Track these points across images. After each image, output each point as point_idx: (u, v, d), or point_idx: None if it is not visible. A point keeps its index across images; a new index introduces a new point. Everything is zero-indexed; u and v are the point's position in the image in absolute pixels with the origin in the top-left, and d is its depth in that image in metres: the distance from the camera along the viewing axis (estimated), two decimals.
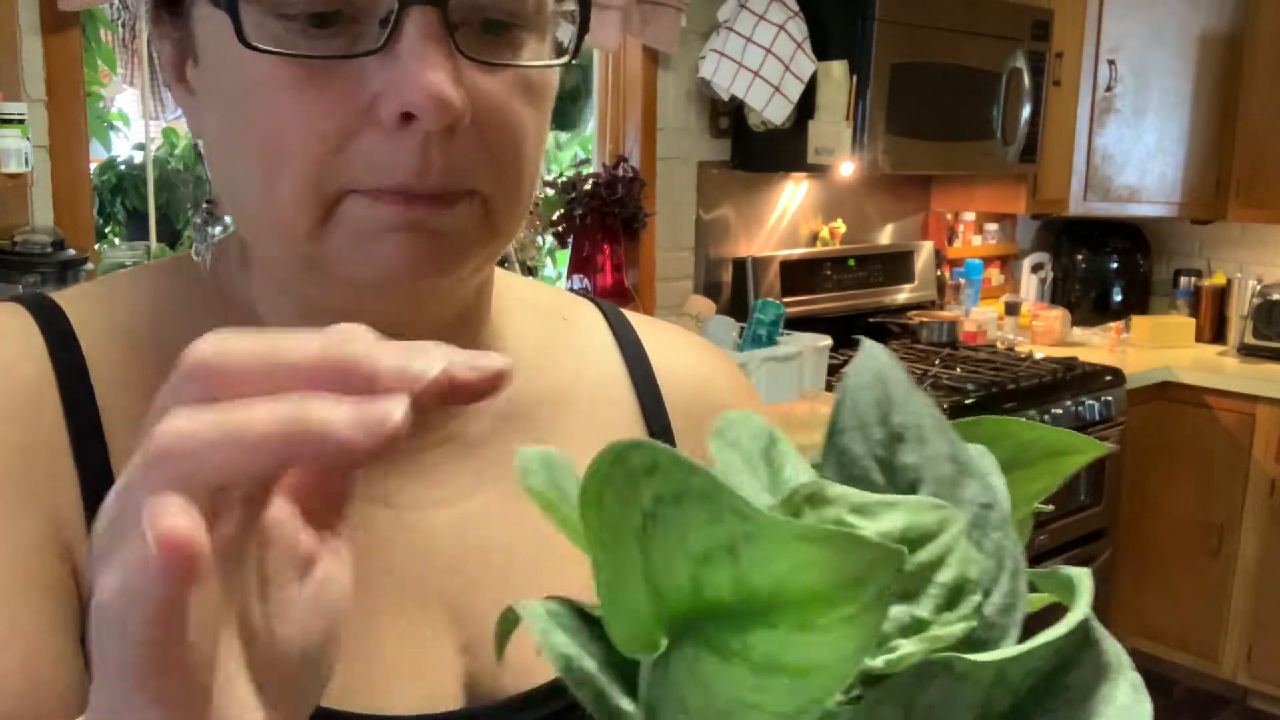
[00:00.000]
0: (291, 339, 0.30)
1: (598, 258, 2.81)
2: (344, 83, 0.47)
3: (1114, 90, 3.38)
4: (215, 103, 0.51)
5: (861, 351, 0.35)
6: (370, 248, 0.48)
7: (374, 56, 0.46)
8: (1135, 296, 3.98)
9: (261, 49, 0.46)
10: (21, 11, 2.00)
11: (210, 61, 0.50)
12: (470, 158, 0.48)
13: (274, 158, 0.48)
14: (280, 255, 0.51)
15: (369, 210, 0.48)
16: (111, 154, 4.26)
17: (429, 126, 0.46)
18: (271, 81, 0.47)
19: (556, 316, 0.67)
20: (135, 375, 0.54)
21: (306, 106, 0.47)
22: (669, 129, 2.90)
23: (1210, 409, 3.30)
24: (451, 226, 0.49)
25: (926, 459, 0.33)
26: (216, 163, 0.53)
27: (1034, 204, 3.38)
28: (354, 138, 0.47)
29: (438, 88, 0.45)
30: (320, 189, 0.48)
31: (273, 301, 0.56)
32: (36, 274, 1.92)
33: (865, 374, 0.34)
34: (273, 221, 0.49)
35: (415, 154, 0.47)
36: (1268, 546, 3.25)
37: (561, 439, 0.62)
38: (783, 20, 2.74)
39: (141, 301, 0.57)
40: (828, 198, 3.29)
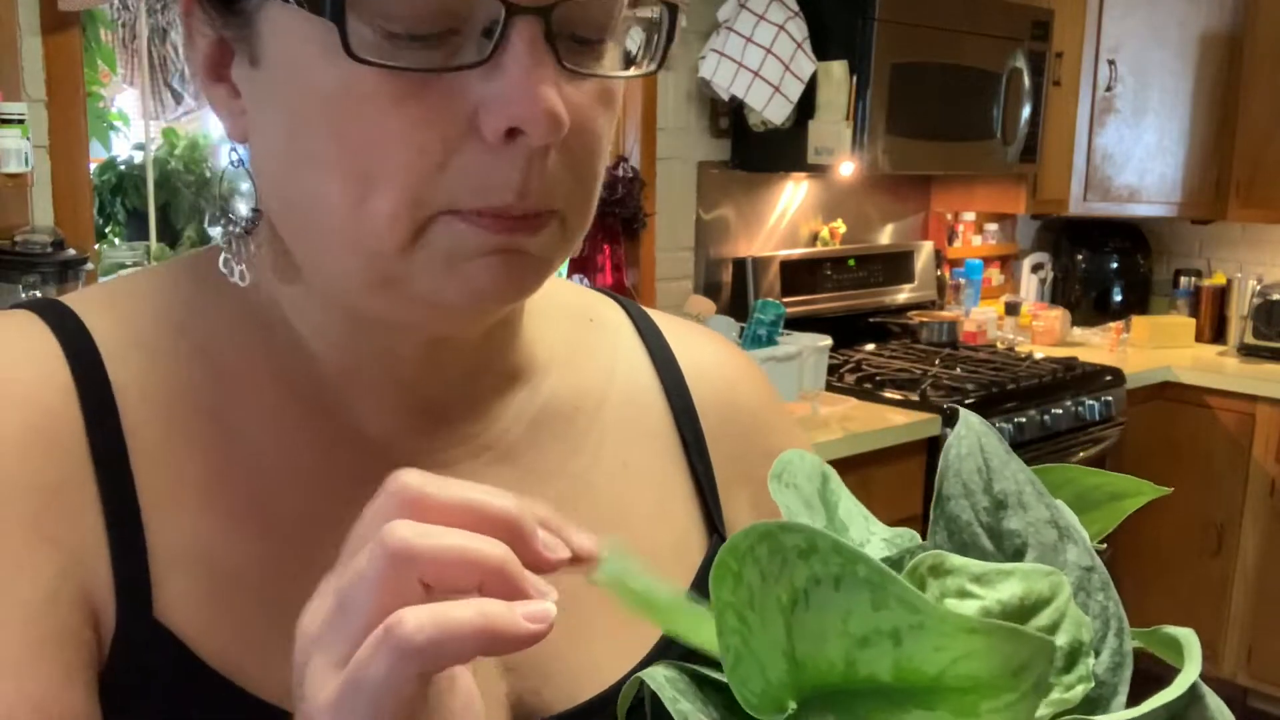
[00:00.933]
0: (485, 493, 0.39)
1: (598, 258, 2.81)
2: (444, 96, 0.44)
3: (1114, 90, 3.38)
4: (282, 112, 0.48)
5: (961, 422, 0.37)
6: (460, 270, 0.47)
7: (479, 68, 0.44)
8: (1135, 296, 3.98)
9: (368, 60, 0.43)
10: (21, 11, 2.00)
11: (282, 69, 0.47)
12: (558, 175, 0.47)
13: (368, 173, 0.45)
14: (355, 271, 0.48)
15: (464, 232, 0.46)
16: (111, 154, 4.26)
17: (535, 143, 0.45)
18: (369, 94, 0.44)
19: (583, 318, 0.66)
20: (159, 390, 0.53)
21: (407, 120, 0.44)
22: (669, 129, 2.90)
23: (1210, 409, 3.30)
24: (538, 249, 0.48)
25: (1030, 524, 0.34)
26: (277, 173, 0.50)
27: (1034, 204, 3.38)
28: (455, 153, 0.45)
29: (548, 102, 0.44)
30: (417, 207, 0.46)
31: (316, 316, 0.54)
32: (36, 274, 1.92)
33: (965, 444, 0.36)
34: (358, 237, 0.47)
35: (519, 171, 0.45)
36: (1268, 546, 3.25)
37: (595, 445, 0.61)
38: (783, 20, 2.74)
39: (163, 309, 0.55)
40: (828, 198, 3.29)
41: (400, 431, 0.56)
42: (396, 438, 0.55)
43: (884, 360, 3.06)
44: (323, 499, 0.53)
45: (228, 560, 0.51)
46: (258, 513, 0.52)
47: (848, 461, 2.39)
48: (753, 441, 0.67)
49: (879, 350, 3.22)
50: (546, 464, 0.59)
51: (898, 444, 2.50)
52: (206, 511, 0.51)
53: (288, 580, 0.50)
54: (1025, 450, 2.77)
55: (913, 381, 2.78)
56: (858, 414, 2.54)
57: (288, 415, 0.54)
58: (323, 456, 0.54)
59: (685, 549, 0.62)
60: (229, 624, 0.50)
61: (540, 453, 0.59)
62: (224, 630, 0.50)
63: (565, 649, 0.55)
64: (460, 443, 0.57)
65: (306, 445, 0.54)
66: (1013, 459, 0.35)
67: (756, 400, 0.69)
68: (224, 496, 0.52)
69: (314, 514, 0.53)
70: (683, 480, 0.64)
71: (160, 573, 0.49)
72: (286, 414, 0.54)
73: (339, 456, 0.54)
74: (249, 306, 0.55)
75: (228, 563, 0.51)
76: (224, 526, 0.51)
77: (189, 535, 0.50)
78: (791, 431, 0.70)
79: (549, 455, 0.59)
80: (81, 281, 2.00)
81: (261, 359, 0.54)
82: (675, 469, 0.64)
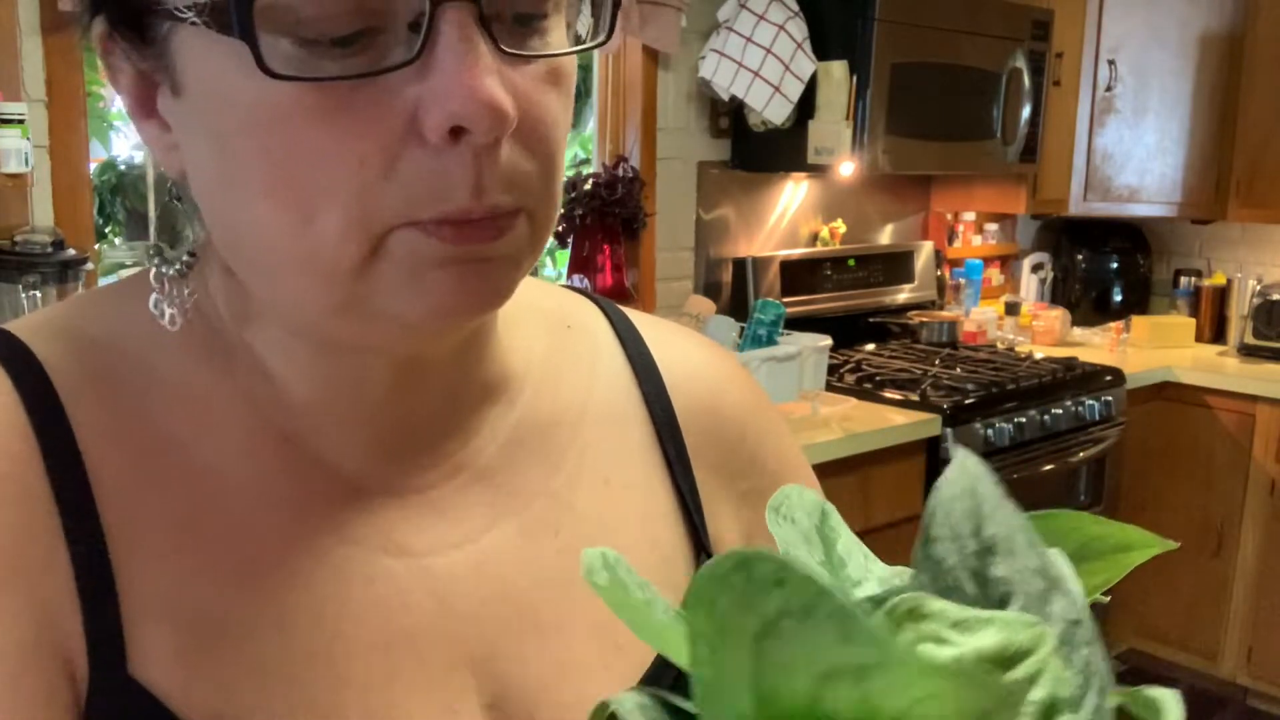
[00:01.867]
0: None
1: (598, 258, 2.81)
2: (375, 102, 0.41)
3: (1114, 90, 3.38)
4: (211, 139, 0.44)
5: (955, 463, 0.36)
6: (421, 284, 0.43)
7: (411, 66, 0.41)
8: (1135, 296, 3.98)
9: (287, 76, 0.40)
10: (21, 11, 2.00)
11: (200, 93, 0.44)
12: (516, 168, 0.44)
13: (309, 193, 0.42)
14: (311, 296, 0.45)
15: (423, 244, 0.43)
16: (111, 154, 4.25)
17: (481, 139, 0.41)
18: (294, 110, 0.41)
19: (561, 324, 0.62)
20: (121, 425, 0.49)
21: (339, 133, 0.41)
22: (669, 129, 2.90)
23: (1210, 409, 3.30)
24: (503, 253, 0.45)
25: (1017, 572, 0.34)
26: (217, 205, 0.46)
27: (1034, 204, 3.38)
28: (398, 160, 0.42)
29: (489, 93, 0.40)
30: (368, 222, 0.42)
31: (280, 347, 0.51)
32: (36, 274, 1.92)
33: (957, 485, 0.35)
34: (310, 263, 0.43)
35: (470, 170, 0.42)
36: (1268, 546, 3.25)
37: (575, 461, 0.59)
38: (783, 20, 2.74)
39: (118, 338, 0.52)
40: (828, 198, 3.29)
41: (374, 458, 0.53)
42: (371, 464, 0.53)
43: (884, 360, 3.06)
44: (298, 533, 0.50)
45: (202, 607, 0.48)
46: (232, 553, 0.49)
47: (848, 462, 2.39)
48: (737, 452, 0.64)
49: (879, 350, 3.22)
50: (524, 483, 0.57)
51: (898, 444, 2.50)
52: (178, 555, 0.48)
53: (266, 626, 0.48)
54: (1025, 450, 2.77)
55: (913, 381, 2.78)
56: (858, 414, 2.54)
57: (258, 447, 0.51)
58: (297, 488, 0.51)
59: (671, 569, 0.59)
60: (208, 677, 0.47)
61: (518, 471, 0.57)
62: (203, 685, 0.47)
63: (553, 683, 0.53)
64: (435, 465, 0.55)
65: (279, 477, 0.51)
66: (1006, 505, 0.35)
67: (742, 407, 0.65)
68: (195, 537, 0.49)
69: (290, 549, 0.50)
70: (666, 495, 0.61)
71: (133, 625, 0.46)
72: (256, 446, 0.51)
73: (313, 487, 0.51)
74: (210, 334, 0.52)
75: (203, 610, 0.48)
76: (197, 569, 0.48)
77: (162, 582, 0.47)
78: (778, 437, 0.67)
79: (527, 474, 0.57)
80: (81, 282, 2.00)
81: (227, 390, 0.51)
82: (659, 484, 0.61)
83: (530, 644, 0.53)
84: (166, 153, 0.48)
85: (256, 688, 0.47)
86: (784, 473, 0.64)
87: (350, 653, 0.49)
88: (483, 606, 0.53)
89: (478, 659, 0.52)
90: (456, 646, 0.52)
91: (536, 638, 0.54)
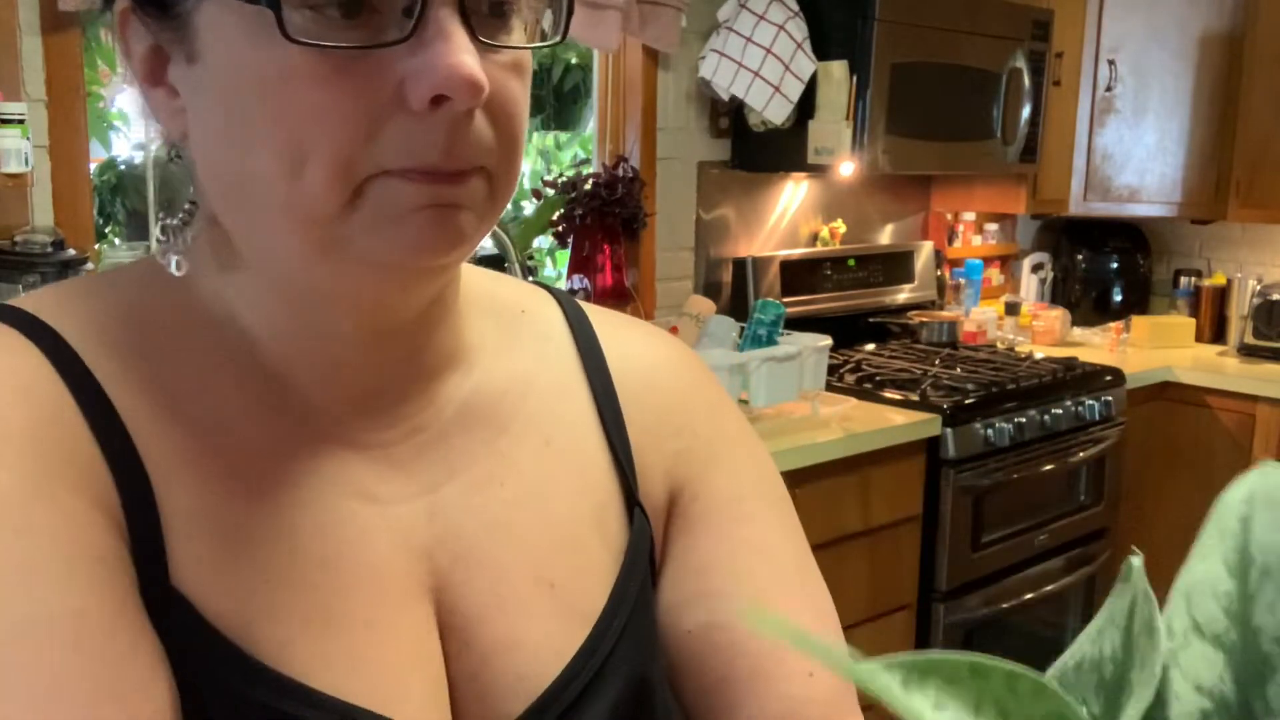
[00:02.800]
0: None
1: (598, 258, 2.81)
2: (370, 71, 0.49)
3: (1114, 90, 3.38)
4: (219, 100, 0.52)
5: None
6: (396, 227, 0.51)
7: (403, 44, 0.49)
8: (1135, 296, 3.98)
9: (302, 41, 0.48)
10: (21, 11, 2.00)
11: (218, 59, 0.51)
12: (482, 138, 0.52)
13: (301, 146, 0.49)
14: (295, 242, 0.52)
15: (398, 188, 0.50)
16: (111, 154, 4.25)
17: (460, 107, 0.49)
18: (302, 73, 0.48)
19: (516, 309, 0.70)
20: (145, 383, 0.56)
21: (337, 95, 0.49)
22: (669, 129, 2.90)
23: (1210, 409, 3.29)
24: (466, 200, 0.52)
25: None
26: (217, 161, 0.54)
27: (1034, 204, 3.38)
28: (383, 123, 0.49)
29: (468, 69, 0.48)
30: (350, 173, 0.50)
31: (260, 303, 0.58)
32: (36, 274, 1.92)
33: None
34: (296, 207, 0.50)
35: (445, 134, 0.50)
36: None
37: (521, 426, 0.66)
38: (783, 20, 2.73)
39: (116, 310, 0.58)
40: (828, 198, 3.29)
41: (344, 415, 0.60)
42: (342, 421, 0.60)
43: (884, 360, 3.06)
44: (292, 473, 0.58)
45: (229, 524, 0.55)
46: (248, 482, 0.57)
47: (848, 462, 2.39)
48: (669, 417, 0.71)
49: (879, 350, 3.22)
50: (473, 443, 0.64)
51: (898, 444, 2.50)
52: (205, 481, 0.55)
53: (283, 544, 0.56)
54: (1025, 450, 2.77)
55: (913, 381, 2.78)
56: (858, 414, 2.54)
57: (251, 399, 0.58)
58: (287, 437, 0.58)
59: (605, 517, 0.67)
60: (232, 587, 0.54)
61: (468, 433, 0.64)
62: (228, 594, 0.54)
63: (491, 613, 0.61)
64: (396, 424, 0.62)
65: (271, 426, 0.58)
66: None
67: (677, 380, 0.73)
68: (217, 467, 0.56)
69: (290, 486, 0.58)
70: (602, 455, 0.68)
71: (173, 539, 0.53)
72: (250, 398, 0.58)
73: (298, 436, 0.59)
74: (196, 305, 0.59)
75: (230, 526, 0.55)
76: (222, 495, 0.55)
77: (193, 503, 0.54)
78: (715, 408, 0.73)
79: (476, 435, 0.64)
80: None
81: (214, 350, 0.58)
82: (594, 445, 0.68)
83: (473, 578, 0.61)
84: (172, 116, 0.55)
85: (270, 592, 0.55)
86: (715, 439, 0.71)
87: (337, 576, 0.57)
88: (435, 545, 0.61)
89: (428, 589, 0.60)
90: (413, 581, 0.60)
91: (479, 573, 0.62)
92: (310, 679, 0.55)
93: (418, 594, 0.60)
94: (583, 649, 0.62)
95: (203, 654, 0.53)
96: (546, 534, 0.64)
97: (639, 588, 0.66)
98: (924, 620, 2.68)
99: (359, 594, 0.58)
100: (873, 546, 2.52)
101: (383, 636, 0.58)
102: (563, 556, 0.64)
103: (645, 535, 0.67)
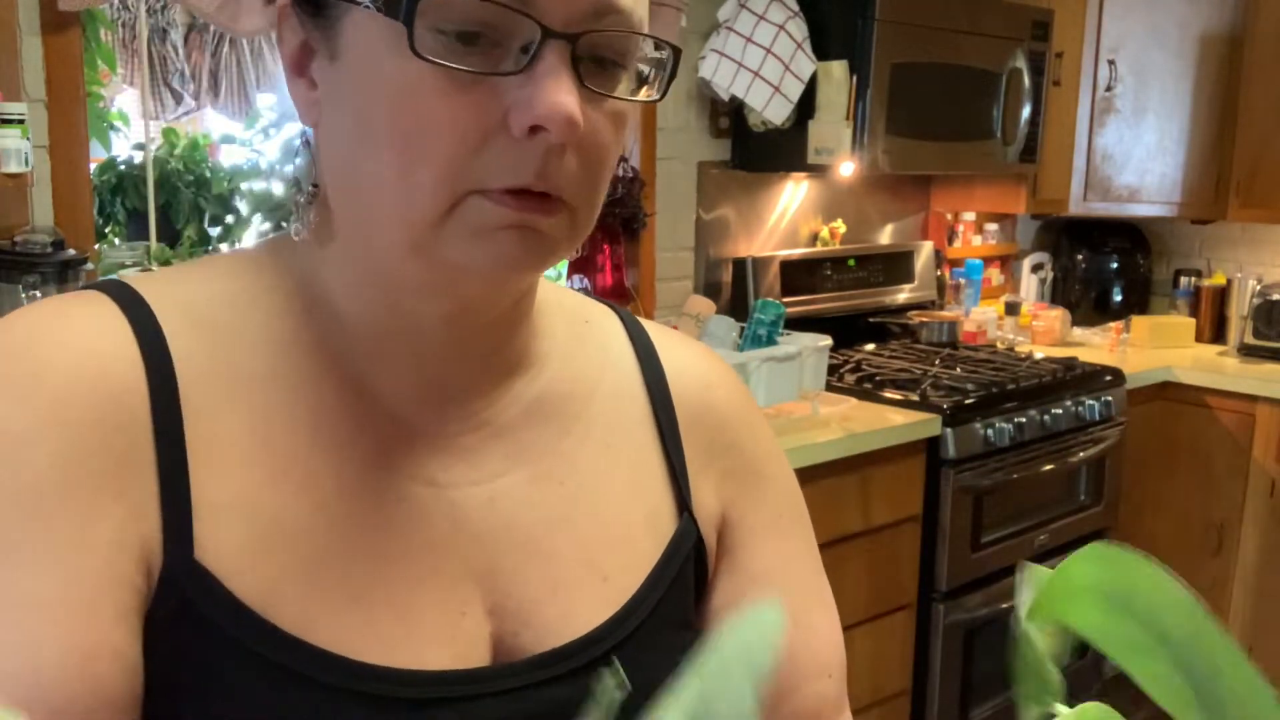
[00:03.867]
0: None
1: (598, 258, 2.81)
2: (484, 95, 0.54)
3: (1114, 90, 3.38)
4: (353, 98, 0.57)
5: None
6: (484, 241, 0.56)
7: (515, 76, 0.54)
8: (1135, 296, 3.98)
9: (429, 59, 0.53)
10: (21, 11, 2.00)
11: (356, 62, 0.56)
12: (572, 174, 0.56)
13: (417, 151, 0.54)
14: (395, 236, 0.57)
15: (489, 209, 0.55)
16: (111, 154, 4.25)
17: (554, 140, 0.54)
18: (427, 86, 0.54)
19: (580, 318, 0.75)
20: (218, 365, 0.60)
21: (453, 110, 0.54)
22: (669, 129, 2.90)
23: (1210, 409, 3.29)
24: (550, 230, 0.57)
25: None
26: (342, 151, 0.59)
27: (1034, 204, 3.38)
28: (488, 141, 0.54)
29: (569, 108, 0.53)
30: (453, 183, 0.55)
31: (354, 290, 0.62)
32: (36, 274, 1.92)
33: None
34: (401, 205, 0.56)
35: (538, 160, 0.55)
36: (1268, 546, 3.25)
37: (584, 428, 0.70)
38: (783, 20, 2.74)
39: (217, 292, 0.63)
40: (828, 198, 3.29)
41: (416, 404, 0.64)
42: (412, 409, 0.64)
43: (884, 360, 3.06)
44: (351, 459, 0.62)
45: (266, 511, 0.59)
46: (296, 470, 0.60)
47: (848, 462, 2.39)
48: (721, 435, 0.76)
49: (879, 350, 3.22)
50: (537, 442, 0.68)
51: (898, 444, 2.50)
52: (248, 468, 0.59)
53: (321, 531, 0.60)
54: (1025, 450, 2.77)
55: (913, 381, 2.78)
56: (858, 414, 2.54)
57: (324, 385, 0.62)
58: (352, 424, 0.62)
59: (657, 521, 0.71)
60: (263, 566, 0.58)
61: (533, 432, 0.68)
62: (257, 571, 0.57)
63: (544, 598, 0.65)
64: (464, 419, 0.66)
65: (338, 413, 0.62)
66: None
67: (728, 400, 0.77)
68: (265, 455, 0.60)
69: (344, 472, 0.61)
70: (658, 463, 0.73)
71: (200, 522, 0.57)
72: (323, 383, 0.62)
73: (365, 423, 0.63)
74: (294, 289, 0.64)
75: (266, 514, 0.59)
76: (263, 482, 0.59)
77: (231, 489, 0.58)
78: (758, 429, 0.79)
79: (540, 434, 0.68)
80: (81, 281, 2.00)
81: (303, 334, 0.63)
82: (651, 453, 0.73)
83: (528, 566, 0.65)
84: (309, 106, 0.60)
85: (306, 577, 0.58)
86: (759, 459, 0.77)
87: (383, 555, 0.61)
88: (489, 532, 0.64)
89: (481, 573, 0.64)
90: (465, 561, 0.63)
91: (534, 561, 0.65)
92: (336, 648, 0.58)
93: (468, 576, 0.63)
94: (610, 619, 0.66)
95: (229, 622, 0.56)
96: (601, 531, 0.68)
97: (675, 575, 0.70)
98: (924, 620, 2.68)
99: (405, 572, 0.61)
100: (873, 546, 2.52)
101: (422, 614, 0.61)
102: (616, 553, 0.68)
103: (690, 534, 0.72)
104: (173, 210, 4.21)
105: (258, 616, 0.57)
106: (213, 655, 0.56)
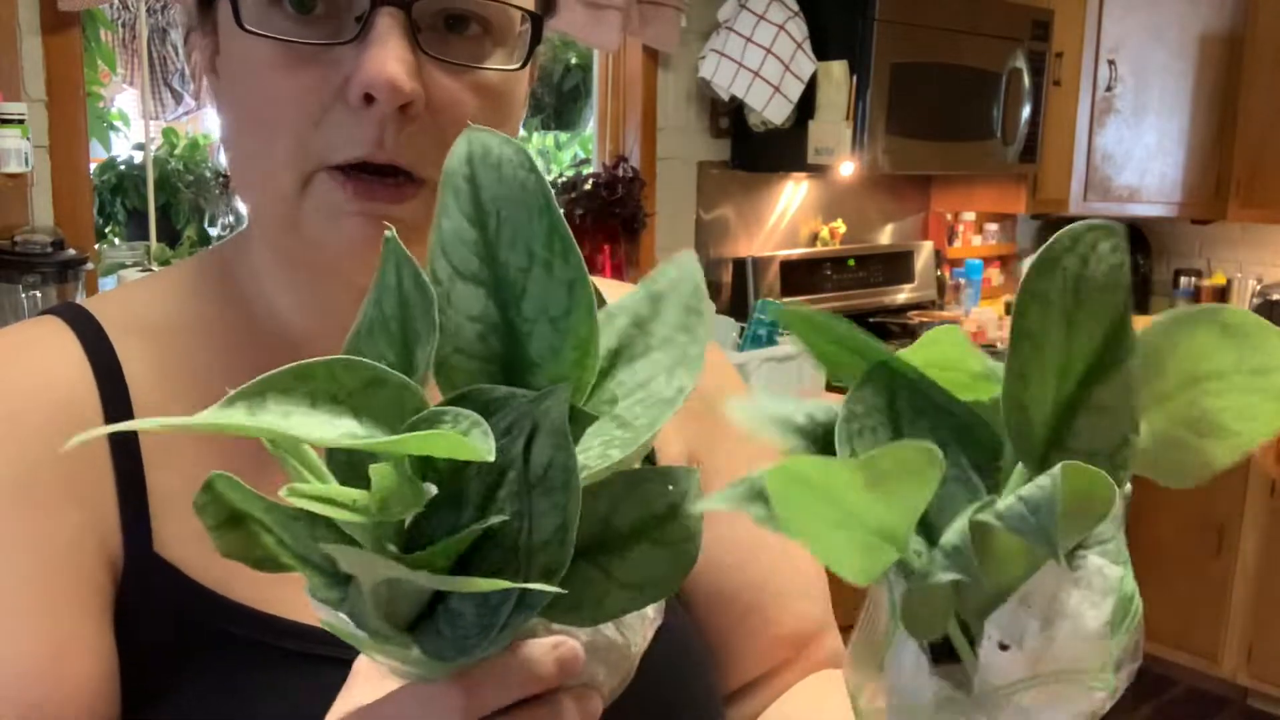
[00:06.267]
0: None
1: (598, 258, 2.81)
2: (324, 66, 0.55)
3: (1114, 90, 3.38)
4: (231, 85, 0.59)
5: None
6: (337, 224, 0.57)
7: (350, 46, 0.55)
8: (1135, 296, 3.98)
9: (254, 31, 0.55)
10: (21, 11, 2.00)
11: (224, 49, 0.59)
12: (422, 142, 0.56)
13: (270, 127, 0.56)
14: (269, 211, 0.59)
15: (334, 190, 0.56)
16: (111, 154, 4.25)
17: (386, 108, 0.54)
18: (266, 61, 0.55)
19: None
20: (166, 366, 0.62)
21: (295, 84, 0.55)
22: (669, 129, 2.90)
23: None
24: (404, 215, 0.56)
25: None
26: (228, 139, 0.61)
27: (1034, 204, 3.38)
28: (328, 113, 0.55)
29: (390, 72, 0.53)
30: (302, 158, 0.56)
31: (269, 263, 0.64)
32: (36, 274, 1.92)
33: None
34: (266, 180, 0.57)
35: (374, 129, 0.55)
36: (1268, 546, 3.25)
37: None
38: (783, 20, 2.74)
39: (158, 298, 0.65)
40: (828, 198, 3.29)
41: None
42: None
43: None
44: None
45: None
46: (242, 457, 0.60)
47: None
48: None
49: None
50: None
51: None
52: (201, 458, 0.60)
53: None
54: None
55: None
56: None
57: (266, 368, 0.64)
58: None
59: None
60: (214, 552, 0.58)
61: None
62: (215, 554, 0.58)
63: None
64: None
65: None
66: None
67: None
68: (216, 443, 0.61)
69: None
70: None
71: (157, 518, 0.59)
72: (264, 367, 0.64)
73: None
74: (235, 289, 0.65)
75: None
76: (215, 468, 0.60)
77: (185, 482, 0.58)
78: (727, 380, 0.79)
79: None
80: (81, 281, 2.00)
81: (241, 322, 0.65)
82: None
83: None
84: (216, 99, 0.62)
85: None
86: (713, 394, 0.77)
87: None
88: None
89: None
90: None
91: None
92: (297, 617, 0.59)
93: None
94: None
95: (187, 605, 0.58)
96: None
97: None
98: None
99: None
100: None
101: None
102: None
103: None
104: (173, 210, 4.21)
105: (219, 596, 0.58)
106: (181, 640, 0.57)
